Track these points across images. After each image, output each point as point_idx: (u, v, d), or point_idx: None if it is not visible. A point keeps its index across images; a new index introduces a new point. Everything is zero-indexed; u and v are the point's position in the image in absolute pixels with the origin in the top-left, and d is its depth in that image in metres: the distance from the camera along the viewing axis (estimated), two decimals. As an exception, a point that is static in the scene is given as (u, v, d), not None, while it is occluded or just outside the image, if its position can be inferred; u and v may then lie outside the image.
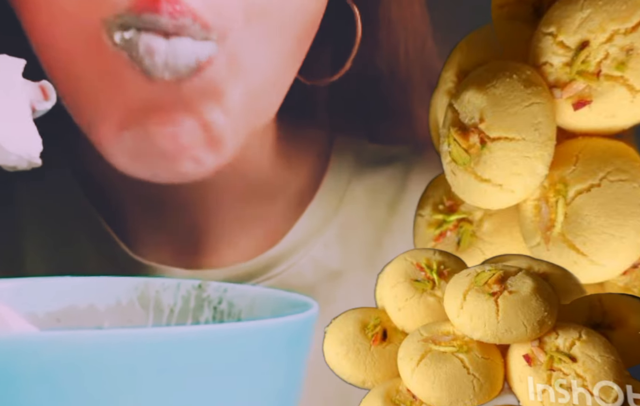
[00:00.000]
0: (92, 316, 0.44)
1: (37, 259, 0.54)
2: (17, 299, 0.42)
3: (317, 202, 0.54)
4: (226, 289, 0.44)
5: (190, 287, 0.45)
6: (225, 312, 0.44)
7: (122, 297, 0.44)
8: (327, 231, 0.54)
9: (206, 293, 0.44)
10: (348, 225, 0.54)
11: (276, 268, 0.53)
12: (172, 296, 0.45)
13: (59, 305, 0.44)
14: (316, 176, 0.55)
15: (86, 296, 0.44)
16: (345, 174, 0.55)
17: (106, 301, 0.44)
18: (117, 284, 0.44)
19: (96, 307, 0.44)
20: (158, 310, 0.45)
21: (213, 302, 0.44)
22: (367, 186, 0.55)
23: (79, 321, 0.44)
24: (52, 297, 0.43)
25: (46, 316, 0.43)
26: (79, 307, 0.44)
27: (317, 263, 0.53)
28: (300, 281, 0.53)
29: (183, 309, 0.44)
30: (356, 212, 0.54)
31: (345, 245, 0.54)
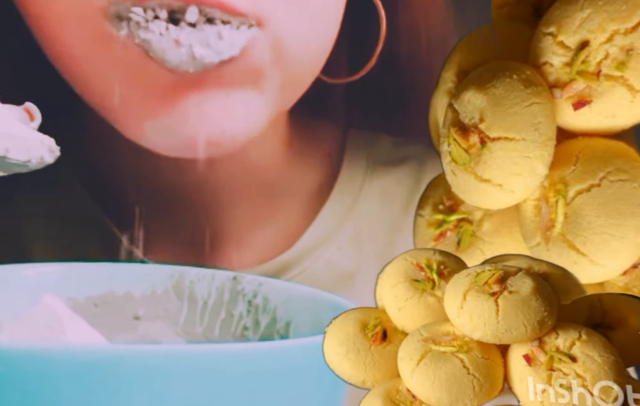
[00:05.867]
0: (129, 303, 0.45)
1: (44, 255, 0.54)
2: (60, 284, 0.43)
3: (330, 204, 0.54)
4: (261, 283, 0.44)
5: (225, 279, 0.45)
6: (260, 307, 0.44)
7: (157, 286, 0.45)
8: (341, 233, 0.54)
9: (240, 286, 0.45)
10: (362, 226, 0.54)
11: (290, 272, 0.53)
12: (207, 287, 0.45)
13: (98, 291, 0.45)
14: (329, 177, 0.55)
15: (123, 283, 0.45)
16: (358, 175, 0.55)
17: (142, 288, 0.45)
18: (153, 272, 0.45)
19: (132, 294, 0.45)
20: (192, 300, 0.45)
21: (248, 296, 0.45)
22: (380, 187, 0.55)
23: (116, 307, 0.45)
24: (91, 282, 0.44)
25: (86, 301, 0.44)
26: (116, 293, 0.45)
27: (331, 265, 0.53)
28: (315, 283, 0.53)
29: (217, 301, 0.45)
30: (370, 213, 0.54)
31: (359, 247, 0.54)
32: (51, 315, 0.39)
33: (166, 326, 0.45)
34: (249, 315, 0.44)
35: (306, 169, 0.55)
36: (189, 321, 0.45)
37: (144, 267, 0.46)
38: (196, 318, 0.45)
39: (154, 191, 0.51)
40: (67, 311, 0.40)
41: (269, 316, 0.44)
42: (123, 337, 0.44)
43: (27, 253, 0.54)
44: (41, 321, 0.38)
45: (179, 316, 0.45)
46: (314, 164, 0.55)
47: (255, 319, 0.44)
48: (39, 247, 0.54)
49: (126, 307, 0.45)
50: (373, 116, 0.56)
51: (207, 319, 0.45)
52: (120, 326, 0.44)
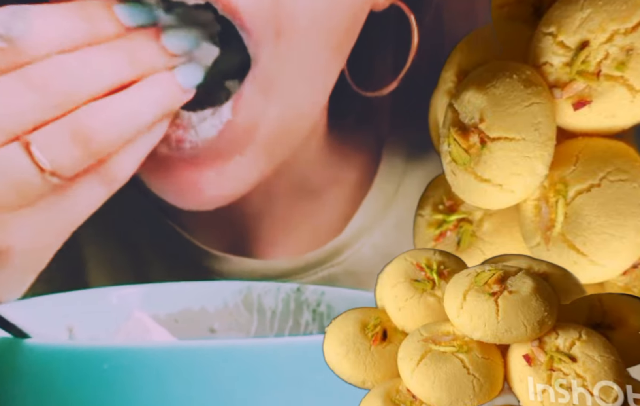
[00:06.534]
0: (204, 318, 0.50)
1: (97, 252, 0.56)
2: (144, 303, 0.49)
3: (373, 193, 0.56)
4: (324, 292, 0.48)
5: (289, 290, 0.50)
6: (325, 314, 0.47)
7: (228, 300, 0.50)
8: (385, 220, 0.55)
9: (304, 296, 0.48)
10: (404, 212, 0.56)
11: (339, 257, 0.55)
12: (273, 299, 0.50)
13: (176, 307, 0.50)
14: (371, 168, 0.57)
15: (198, 299, 0.50)
16: (399, 164, 0.57)
17: (215, 303, 0.50)
18: (224, 288, 0.50)
19: (207, 309, 0.50)
20: (261, 312, 0.50)
21: (312, 305, 0.49)
22: (422, 174, 0.56)
23: (193, 322, 0.50)
24: (170, 300, 0.50)
25: (167, 317, 0.49)
26: (192, 309, 0.50)
27: (376, 249, 0.55)
28: (361, 267, 0.55)
29: (284, 311, 0.49)
30: (412, 199, 0.56)
31: (402, 231, 0.55)
32: (142, 327, 0.44)
33: (239, 336, 0.49)
34: (315, 322, 0.48)
35: (347, 166, 0.57)
36: (260, 331, 0.49)
37: (215, 284, 0.51)
38: (266, 328, 0.49)
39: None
40: (154, 324, 0.45)
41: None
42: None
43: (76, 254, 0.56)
44: (134, 332, 0.44)
45: (250, 327, 0.49)
46: (355, 160, 0.57)
47: (321, 325, 0.48)
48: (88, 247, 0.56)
49: (202, 321, 0.50)
50: (412, 119, 0.57)
51: (277, 329, 0.49)
52: (199, 338, 0.49)
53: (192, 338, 0.48)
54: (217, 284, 0.51)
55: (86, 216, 0.41)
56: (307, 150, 0.54)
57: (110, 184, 0.41)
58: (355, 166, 0.57)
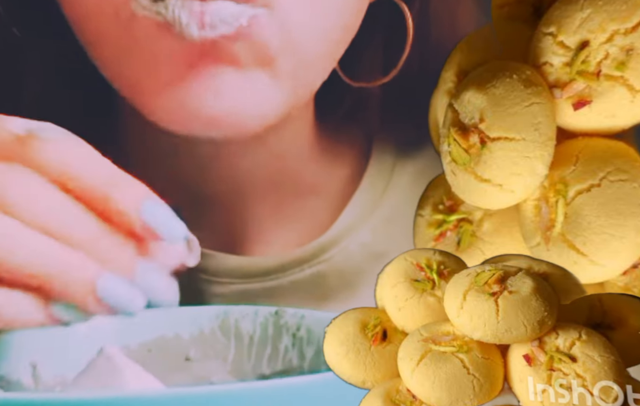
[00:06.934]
0: (179, 345, 0.47)
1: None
2: (114, 333, 0.46)
3: (362, 190, 0.55)
4: (303, 315, 0.47)
5: (268, 314, 0.48)
6: (305, 339, 0.46)
7: (204, 325, 0.48)
8: (374, 217, 0.55)
9: (283, 320, 0.47)
10: (394, 209, 0.55)
11: (325, 254, 0.54)
12: (251, 324, 0.48)
13: (149, 336, 0.47)
14: (360, 164, 0.56)
15: (172, 326, 0.47)
16: (389, 160, 0.56)
17: (190, 330, 0.48)
18: (199, 313, 0.48)
19: (181, 336, 0.48)
20: (238, 338, 0.48)
21: (291, 329, 0.47)
22: (412, 169, 0.56)
23: (167, 350, 0.47)
24: (143, 328, 0.47)
25: (139, 347, 0.47)
26: (166, 337, 0.47)
27: (365, 246, 0.54)
28: (349, 265, 0.54)
29: (262, 336, 0.47)
30: (401, 196, 0.55)
31: (391, 228, 0.55)
32: (111, 366, 0.42)
33: (216, 365, 0.47)
34: (294, 348, 0.46)
35: (337, 161, 0.56)
36: (238, 359, 0.47)
37: (190, 309, 0.48)
38: (244, 355, 0.47)
39: (198, 185, 0.52)
40: (125, 360, 0.42)
41: (313, 348, 0.46)
42: (177, 378, 0.46)
43: None
44: (103, 371, 0.42)
45: (228, 354, 0.47)
46: (345, 156, 0.57)
47: (300, 351, 0.46)
48: None
49: (177, 349, 0.47)
50: (402, 114, 0.56)
51: (255, 356, 0.47)
52: (173, 368, 0.47)
53: (166, 368, 0.46)
54: (193, 309, 0.48)
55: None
56: (295, 144, 0.53)
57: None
58: (344, 162, 0.57)
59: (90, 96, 0.53)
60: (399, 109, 0.56)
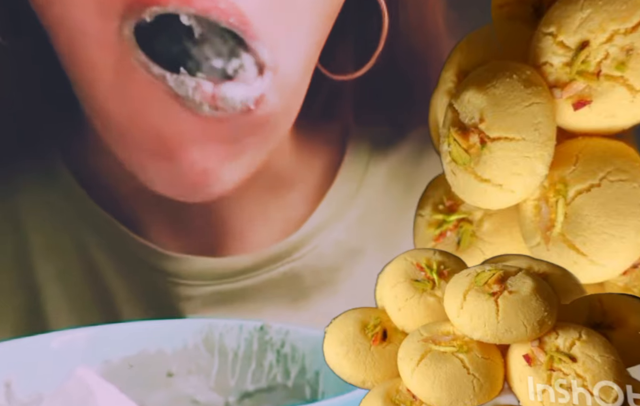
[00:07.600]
0: (161, 361, 0.46)
1: (47, 263, 0.54)
2: (92, 348, 0.45)
3: (336, 186, 0.55)
4: (288, 331, 0.46)
5: (252, 329, 0.47)
6: (289, 356, 0.45)
7: (188, 340, 0.47)
8: (349, 214, 0.55)
9: (268, 336, 0.47)
10: (368, 206, 0.55)
11: (299, 251, 0.54)
12: (235, 339, 0.47)
13: (131, 351, 0.46)
14: (335, 161, 0.56)
15: (155, 340, 0.46)
16: (363, 157, 0.56)
17: (173, 344, 0.47)
18: (183, 327, 0.47)
19: (164, 351, 0.47)
20: (222, 354, 0.47)
21: (276, 345, 0.46)
22: (386, 167, 0.56)
23: (149, 366, 0.46)
24: (124, 343, 0.46)
25: (121, 362, 0.46)
26: (149, 351, 0.47)
27: (339, 244, 0.54)
28: (323, 262, 0.54)
29: (246, 352, 0.47)
30: (376, 193, 0.55)
31: (365, 225, 0.55)
32: (84, 389, 0.40)
33: (199, 380, 0.47)
34: (279, 365, 0.46)
35: (312, 157, 0.56)
36: (221, 374, 0.47)
37: (174, 323, 0.48)
38: (228, 371, 0.47)
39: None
40: (99, 382, 0.41)
41: (298, 365, 0.46)
42: (158, 395, 0.46)
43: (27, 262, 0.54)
44: (75, 395, 0.40)
45: (211, 370, 0.47)
46: (320, 152, 0.57)
47: (285, 368, 0.46)
48: (37, 252, 0.54)
49: (159, 364, 0.46)
50: (375, 109, 0.56)
51: (239, 372, 0.47)
52: (155, 383, 0.46)
53: (147, 384, 0.45)
54: (176, 323, 0.48)
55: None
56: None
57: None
58: (319, 159, 0.57)
59: (64, 111, 0.53)
60: (373, 105, 0.56)
